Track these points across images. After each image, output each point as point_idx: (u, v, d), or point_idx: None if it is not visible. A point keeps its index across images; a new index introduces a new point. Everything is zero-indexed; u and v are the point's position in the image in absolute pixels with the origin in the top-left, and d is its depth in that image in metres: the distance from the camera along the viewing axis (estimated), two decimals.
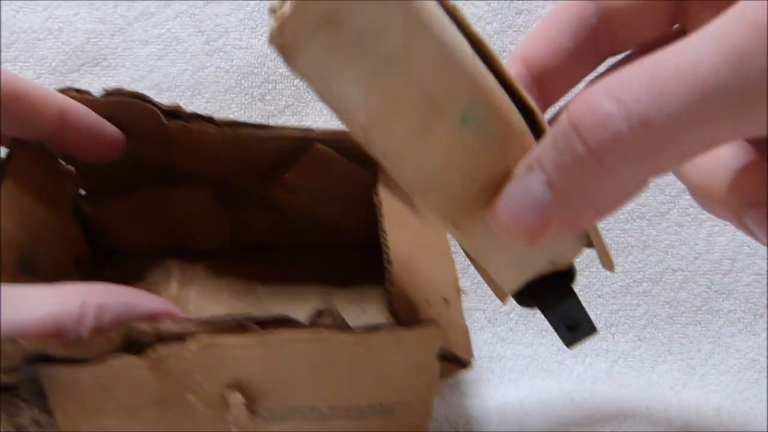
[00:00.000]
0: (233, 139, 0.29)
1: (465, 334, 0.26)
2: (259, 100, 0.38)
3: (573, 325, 0.22)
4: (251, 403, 0.24)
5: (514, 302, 0.22)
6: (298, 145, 0.30)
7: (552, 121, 0.23)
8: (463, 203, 0.19)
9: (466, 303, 0.36)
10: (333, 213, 0.33)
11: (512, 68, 0.22)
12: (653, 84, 0.15)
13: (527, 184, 0.17)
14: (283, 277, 0.34)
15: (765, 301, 0.37)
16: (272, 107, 0.38)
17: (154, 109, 0.28)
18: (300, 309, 0.32)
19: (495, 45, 0.39)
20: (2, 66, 0.38)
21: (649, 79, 0.16)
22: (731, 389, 0.35)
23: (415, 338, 0.23)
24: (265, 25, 0.39)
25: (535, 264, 0.21)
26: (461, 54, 0.17)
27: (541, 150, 0.17)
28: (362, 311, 0.32)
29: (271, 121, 0.38)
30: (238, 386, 0.23)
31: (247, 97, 0.38)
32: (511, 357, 0.35)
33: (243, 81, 0.38)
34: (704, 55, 0.15)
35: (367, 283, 0.33)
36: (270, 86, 0.38)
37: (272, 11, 0.17)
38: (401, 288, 0.25)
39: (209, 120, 0.29)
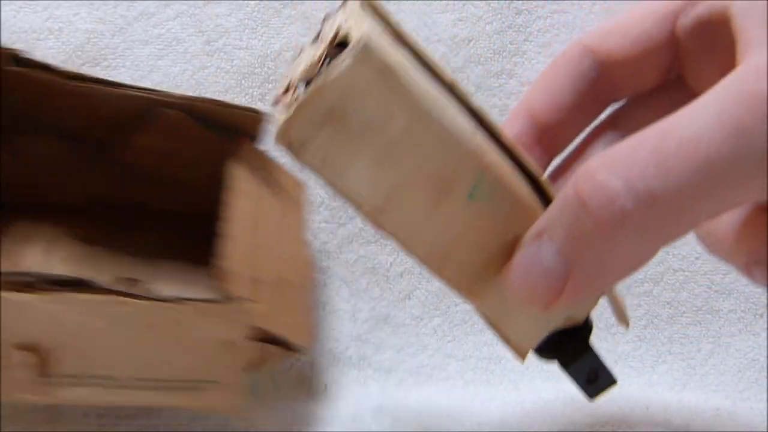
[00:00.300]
0: (80, 93, 0.28)
1: (304, 318, 0.25)
2: (259, 100, 0.38)
3: (592, 378, 0.23)
4: (43, 366, 0.23)
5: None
6: (149, 107, 0.29)
7: (554, 175, 0.24)
8: (475, 272, 0.19)
9: (468, 305, 0.36)
10: (188, 179, 0.32)
11: (518, 122, 0.23)
12: (657, 159, 0.16)
13: (539, 254, 0.18)
14: (135, 242, 0.33)
15: (765, 301, 0.37)
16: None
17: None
18: (145, 276, 0.31)
19: (495, 45, 0.39)
20: None
21: (653, 154, 0.16)
22: (731, 389, 0.35)
23: (223, 314, 0.22)
24: (266, 25, 0.39)
25: (552, 322, 0.21)
26: (463, 134, 0.18)
27: (550, 220, 0.18)
28: (197, 282, 0.32)
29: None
30: (29, 346, 0.22)
31: (247, 97, 0.38)
32: (511, 358, 0.35)
33: (243, 81, 0.38)
34: (706, 129, 0.15)
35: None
36: (270, 86, 0.38)
37: (275, 102, 0.17)
38: (232, 263, 0.24)
39: (56, 70, 0.28)
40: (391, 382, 0.34)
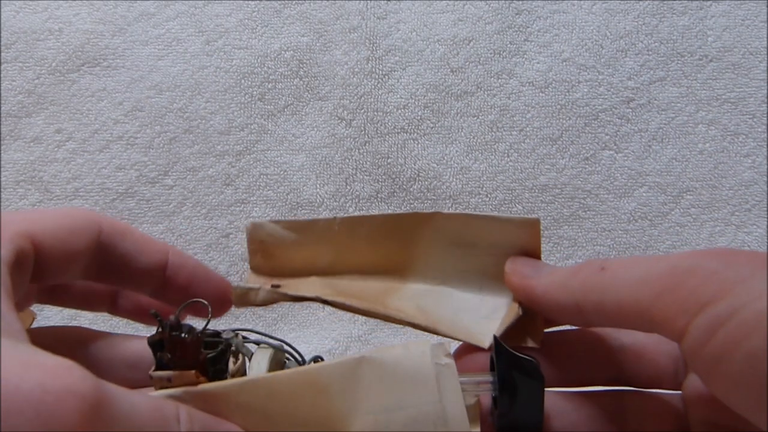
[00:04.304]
0: None
1: None
2: (258, 99, 0.38)
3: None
4: None
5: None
6: None
7: None
8: None
9: None
10: None
11: None
12: None
13: None
14: None
15: None
16: (272, 107, 0.38)
17: None
18: None
19: (495, 45, 0.39)
20: (2, 66, 0.38)
21: None
22: None
23: None
24: (265, 25, 0.39)
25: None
26: None
27: None
28: None
29: (270, 121, 0.38)
30: None
31: (246, 96, 0.38)
32: None
33: (243, 81, 0.38)
34: None
35: None
36: (270, 86, 0.38)
37: None
38: None
39: None
40: None
